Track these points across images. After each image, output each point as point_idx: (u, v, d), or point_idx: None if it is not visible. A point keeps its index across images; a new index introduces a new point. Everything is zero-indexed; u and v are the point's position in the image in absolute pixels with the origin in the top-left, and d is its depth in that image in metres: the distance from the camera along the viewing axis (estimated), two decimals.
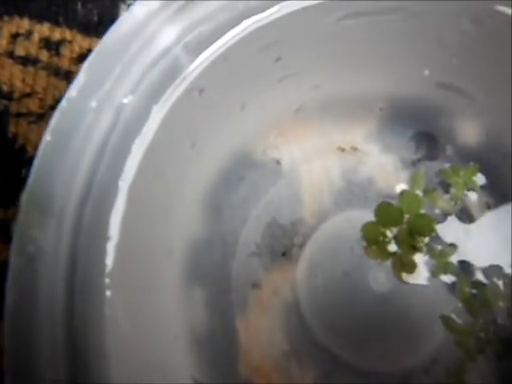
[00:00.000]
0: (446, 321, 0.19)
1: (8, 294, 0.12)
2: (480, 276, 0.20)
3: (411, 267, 0.17)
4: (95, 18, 0.28)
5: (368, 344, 0.20)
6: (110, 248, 0.14)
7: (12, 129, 0.26)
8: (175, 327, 0.19)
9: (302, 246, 0.22)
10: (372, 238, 0.17)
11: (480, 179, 0.21)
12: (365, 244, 0.17)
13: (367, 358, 0.20)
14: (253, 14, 0.17)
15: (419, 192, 0.21)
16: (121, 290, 0.14)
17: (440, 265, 0.19)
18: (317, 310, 0.21)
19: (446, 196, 0.21)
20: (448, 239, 0.20)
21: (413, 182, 0.21)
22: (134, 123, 0.15)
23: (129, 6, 0.28)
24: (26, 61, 0.27)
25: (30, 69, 0.27)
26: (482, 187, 0.21)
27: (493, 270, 0.20)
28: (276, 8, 0.17)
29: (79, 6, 0.28)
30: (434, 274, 0.19)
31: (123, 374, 0.13)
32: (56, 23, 0.28)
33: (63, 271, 0.13)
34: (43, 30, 0.28)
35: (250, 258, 0.22)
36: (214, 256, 0.21)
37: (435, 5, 0.18)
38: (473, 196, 0.21)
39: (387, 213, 0.17)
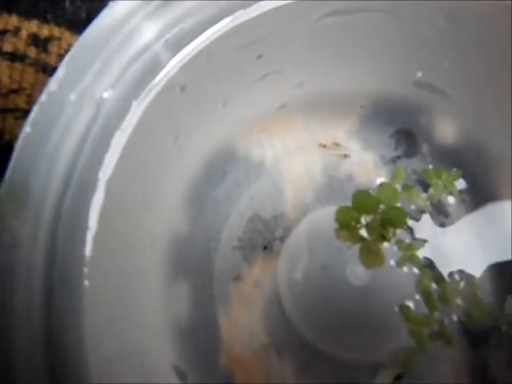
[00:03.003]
0: (403, 310, 0.19)
1: None
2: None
3: (378, 256, 0.17)
4: (83, 15, 0.28)
5: (344, 335, 0.21)
6: (89, 238, 0.14)
7: None
8: (156, 317, 0.19)
9: (283, 239, 0.22)
10: (344, 222, 0.18)
11: (460, 184, 0.22)
12: (336, 226, 0.18)
13: (344, 350, 0.21)
14: (234, 11, 0.17)
15: (398, 186, 0.21)
16: (99, 280, 0.15)
17: (405, 256, 0.20)
18: (296, 303, 0.21)
19: (424, 195, 0.21)
20: (420, 236, 0.21)
21: (394, 175, 0.22)
22: (114, 117, 0.15)
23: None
24: (14, 57, 0.27)
25: (18, 65, 0.27)
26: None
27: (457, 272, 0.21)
28: (257, 5, 0.17)
29: (67, 2, 0.29)
30: (399, 264, 0.20)
31: (99, 359, 0.14)
32: (44, 20, 0.28)
33: (41, 261, 0.13)
34: (31, 26, 0.28)
35: (233, 252, 0.22)
36: (196, 250, 0.22)
37: (411, 5, 0.19)
38: (450, 199, 0.22)
39: (363, 200, 0.18)
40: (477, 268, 0.21)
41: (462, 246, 0.21)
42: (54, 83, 0.14)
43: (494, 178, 0.22)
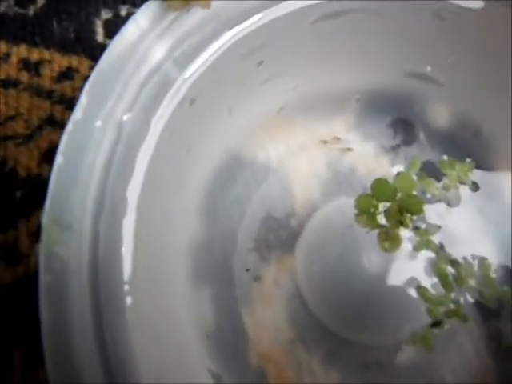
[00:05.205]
0: (421, 290, 0.21)
1: (43, 311, 0.13)
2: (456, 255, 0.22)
3: (395, 240, 0.18)
4: (71, 36, 0.29)
5: (366, 321, 0.22)
6: (126, 256, 0.15)
7: (0, 152, 0.26)
8: (187, 323, 0.20)
9: (296, 236, 0.23)
10: (364, 208, 0.18)
11: (476, 175, 0.23)
12: (356, 212, 0.19)
13: (367, 334, 0.22)
14: (236, 24, 0.18)
15: (414, 175, 0.22)
16: (139, 295, 0.15)
17: (422, 242, 0.21)
18: (317, 296, 0.22)
19: (438, 184, 0.23)
20: (432, 220, 0.22)
21: (410, 165, 0.23)
22: (136, 137, 0.16)
23: (104, 21, 0.29)
24: (7, 83, 0.27)
25: (12, 91, 0.27)
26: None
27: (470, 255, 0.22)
28: (257, 17, 0.18)
29: (55, 24, 0.29)
30: (416, 248, 0.21)
31: (150, 373, 0.14)
32: (33, 44, 0.28)
33: (87, 283, 0.14)
34: (21, 51, 0.28)
35: (250, 254, 0.23)
36: (215, 255, 0.22)
37: (398, 4, 0.20)
38: (464, 189, 0.23)
39: (382, 188, 0.19)
40: (484, 246, 0.22)
41: (467, 225, 0.22)
42: (78, 111, 0.14)
43: (491, 155, 0.24)
